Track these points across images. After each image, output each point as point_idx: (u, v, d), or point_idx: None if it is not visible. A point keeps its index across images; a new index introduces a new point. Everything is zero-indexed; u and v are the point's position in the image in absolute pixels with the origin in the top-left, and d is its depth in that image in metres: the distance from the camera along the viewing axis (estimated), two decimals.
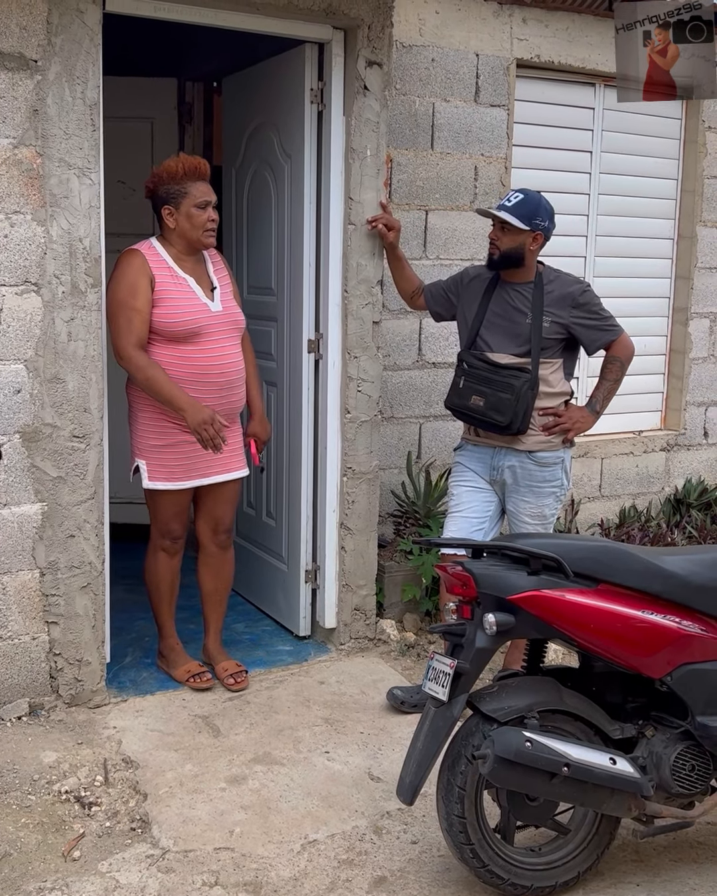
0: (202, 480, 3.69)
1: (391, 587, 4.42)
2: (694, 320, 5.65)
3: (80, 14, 3.26)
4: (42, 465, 3.41)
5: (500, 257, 3.57)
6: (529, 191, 3.58)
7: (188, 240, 3.57)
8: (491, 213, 3.55)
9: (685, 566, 2.69)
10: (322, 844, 2.90)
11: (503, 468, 3.65)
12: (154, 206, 3.61)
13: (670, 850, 2.95)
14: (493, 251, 3.59)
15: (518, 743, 2.46)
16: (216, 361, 3.58)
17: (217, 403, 3.61)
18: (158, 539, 3.79)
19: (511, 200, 3.53)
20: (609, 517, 5.44)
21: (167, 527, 3.75)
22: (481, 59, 4.75)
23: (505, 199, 3.56)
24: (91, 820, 2.96)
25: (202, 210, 3.54)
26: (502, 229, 3.54)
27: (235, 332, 3.68)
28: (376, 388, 4.12)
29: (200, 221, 3.55)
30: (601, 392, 3.70)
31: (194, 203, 3.53)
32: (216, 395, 3.60)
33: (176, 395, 3.48)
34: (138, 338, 3.48)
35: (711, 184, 5.52)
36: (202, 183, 3.57)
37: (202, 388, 3.56)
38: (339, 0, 3.72)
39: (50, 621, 3.50)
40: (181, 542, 3.82)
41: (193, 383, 3.55)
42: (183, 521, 3.78)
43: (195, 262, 3.64)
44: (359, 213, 3.94)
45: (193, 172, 3.54)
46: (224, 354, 3.61)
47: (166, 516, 3.73)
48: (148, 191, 3.59)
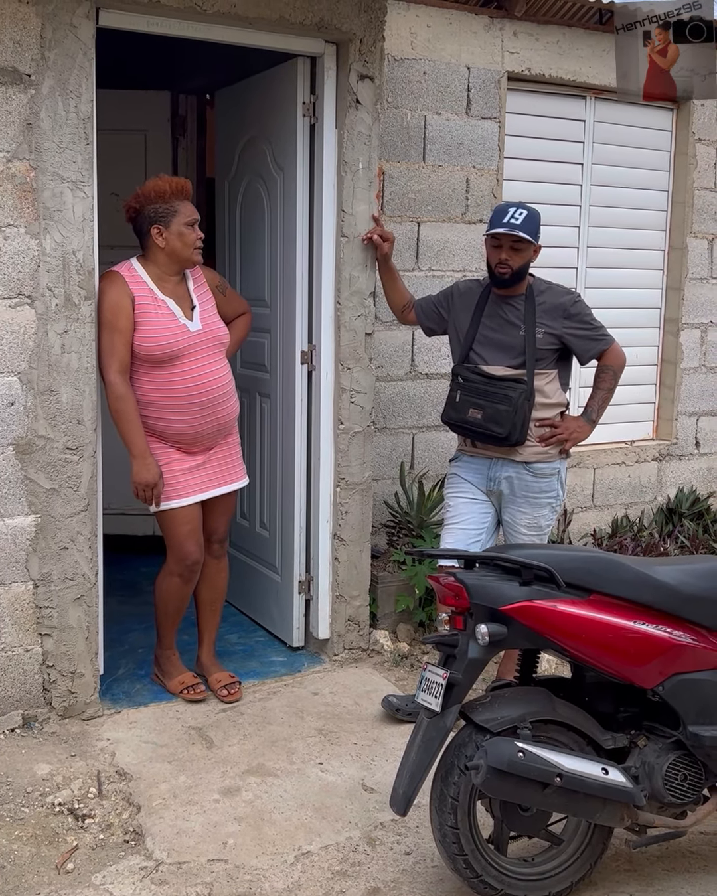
0: (203, 495, 3.70)
1: (385, 598, 4.43)
2: (685, 331, 5.68)
3: (73, 29, 3.29)
4: (35, 478, 3.42)
5: (512, 276, 3.55)
6: (524, 204, 3.58)
7: (178, 258, 3.59)
8: (517, 234, 3.46)
9: (675, 576, 2.70)
10: (316, 856, 2.90)
11: (500, 479, 3.67)
12: (138, 227, 3.60)
13: (663, 859, 2.96)
14: (505, 272, 3.53)
15: (511, 753, 2.46)
16: (197, 382, 3.59)
17: (203, 423, 3.63)
18: (174, 564, 3.74)
19: (518, 218, 3.48)
20: (602, 527, 5.46)
21: (183, 549, 3.69)
22: (473, 72, 4.79)
23: (511, 217, 3.48)
24: (84, 832, 2.96)
25: (191, 228, 3.56)
26: (513, 249, 3.51)
27: (217, 349, 3.68)
28: (368, 399, 4.14)
29: (191, 240, 3.57)
30: (595, 401, 3.72)
31: (184, 221, 3.55)
32: (200, 416, 3.62)
33: (135, 440, 3.54)
34: (120, 362, 3.50)
35: (701, 195, 5.56)
36: (188, 202, 3.60)
37: (185, 410, 3.59)
38: (331, 14, 3.75)
39: (43, 633, 3.50)
40: (197, 569, 3.77)
41: (175, 406, 3.58)
42: (198, 543, 3.73)
43: (176, 283, 3.64)
44: (351, 225, 3.96)
45: (180, 192, 3.56)
46: (205, 374, 3.61)
47: (180, 537, 3.69)
48: (132, 210, 3.58)
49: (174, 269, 3.61)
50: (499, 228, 3.49)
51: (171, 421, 3.60)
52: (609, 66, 5.06)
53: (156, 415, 3.60)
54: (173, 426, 3.61)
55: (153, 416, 3.60)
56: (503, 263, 3.53)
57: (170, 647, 3.91)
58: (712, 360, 5.82)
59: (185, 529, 3.69)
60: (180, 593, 3.79)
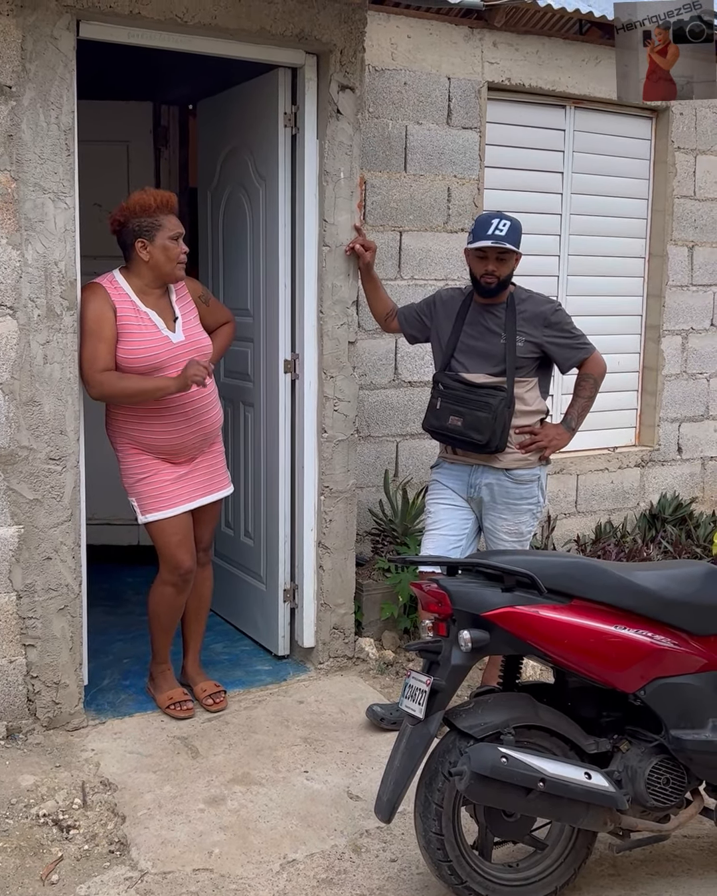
0: (191, 504, 3.70)
1: (369, 605, 4.43)
2: (666, 338, 5.72)
3: (54, 41, 3.30)
4: (18, 488, 3.41)
5: (497, 286, 3.59)
6: (505, 214, 3.60)
7: (161, 272, 3.58)
8: (504, 246, 3.50)
9: (657, 581, 2.72)
10: (301, 864, 2.90)
11: (481, 486, 3.69)
12: (122, 240, 3.60)
13: (646, 863, 2.97)
14: (491, 282, 3.56)
15: (494, 759, 2.47)
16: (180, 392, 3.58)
17: (187, 432, 3.64)
18: (166, 574, 3.72)
19: (502, 229, 3.51)
20: (586, 533, 5.48)
21: (175, 559, 3.68)
22: (453, 82, 4.82)
23: (495, 229, 3.51)
24: (69, 843, 2.95)
25: (175, 243, 3.56)
26: (499, 260, 3.54)
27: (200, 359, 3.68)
28: (352, 408, 4.15)
29: (175, 254, 3.57)
30: (575, 409, 3.75)
31: (169, 235, 3.55)
32: (185, 426, 3.63)
33: (158, 384, 3.51)
34: (104, 365, 3.50)
35: (681, 203, 5.61)
36: (173, 216, 3.59)
37: (169, 421, 3.59)
38: (311, 26, 3.77)
39: (27, 644, 3.50)
40: (190, 579, 3.76)
41: (160, 418, 3.58)
42: (190, 551, 3.72)
43: (159, 296, 3.64)
44: (333, 234, 3.98)
45: (165, 205, 3.56)
46: None
47: (171, 546, 3.68)
48: (117, 223, 3.58)
49: (157, 282, 3.62)
50: (486, 241, 3.52)
51: (155, 432, 3.61)
52: (589, 76, 5.13)
53: (140, 426, 3.60)
54: (158, 437, 3.62)
55: (138, 428, 3.60)
56: (489, 274, 3.56)
57: (164, 662, 3.88)
58: (693, 366, 5.86)
59: (176, 539, 3.68)
60: (175, 603, 3.78)
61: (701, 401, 5.93)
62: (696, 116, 5.57)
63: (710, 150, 5.67)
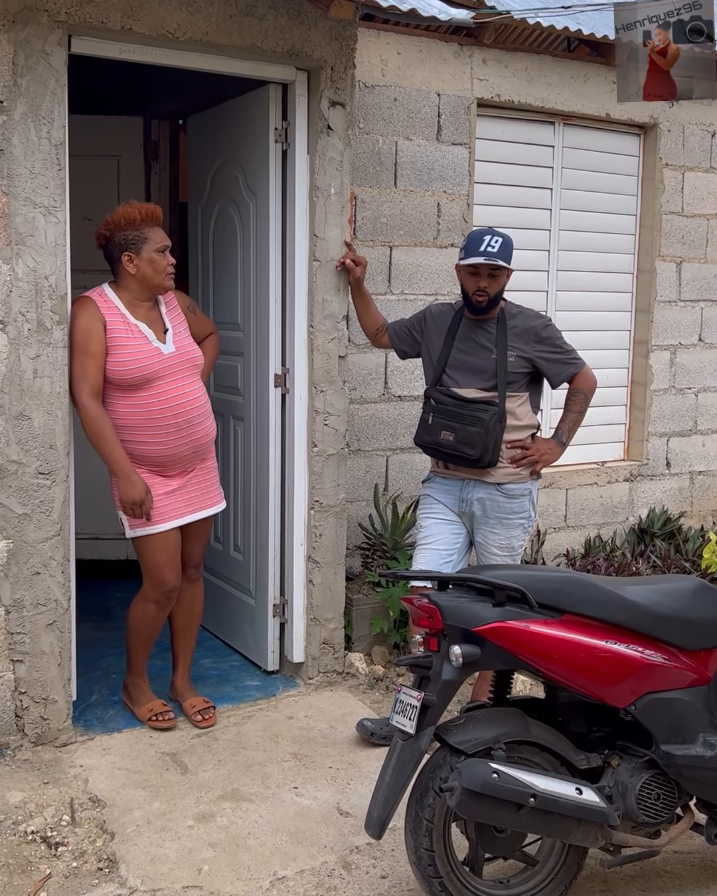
0: (180, 520, 3.69)
1: (359, 620, 4.42)
2: (655, 353, 5.74)
3: (45, 56, 3.31)
4: (7, 503, 3.40)
5: (488, 303, 3.61)
6: (496, 230, 3.62)
7: (149, 285, 3.59)
8: (496, 263, 3.52)
9: (647, 596, 2.72)
10: (291, 881, 2.88)
11: (472, 500, 3.69)
12: (109, 254, 3.60)
13: (637, 879, 2.96)
14: (482, 299, 3.58)
15: (485, 775, 2.46)
16: (173, 403, 3.59)
17: (179, 444, 3.63)
18: (150, 591, 3.71)
19: (494, 246, 3.53)
20: (575, 547, 5.49)
21: (160, 576, 3.67)
22: (443, 98, 4.85)
23: (487, 246, 3.53)
24: (58, 860, 2.93)
25: (162, 255, 3.57)
26: (491, 276, 3.56)
27: (191, 370, 3.68)
28: (342, 422, 4.15)
29: (162, 266, 3.57)
30: (566, 424, 3.76)
31: (155, 248, 3.55)
32: (177, 437, 3.62)
33: (117, 460, 3.52)
34: (93, 386, 3.49)
35: (669, 219, 5.65)
36: (159, 228, 3.60)
37: (161, 432, 3.58)
38: (302, 42, 3.80)
39: (15, 659, 3.47)
40: (174, 596, 3.75)
41: (152, 429, 3.57)
42: (176, 569, 3.71)
43: (149, 308, 3.65)
44: (324, 249, 3.99)
45: (150, 218, 3.56)
46: (181, 395, 3.61)
47: (157, 564, 3.67)
48: (102, 238, 3.59)
49: (146, 294, 3.62)
50: (478, 258, 3.53)
51: (147, 444, 3.60)
52: (577, 93, 5.17)
53: (132, 438, 3.59)
54: (150, 449, 3.61)
55: (129, 440, 3.59)
56: (481, 291, 3.58)
57: (140, 675, 3.87)
58: (681, 381, 5.88)
59: (163, 556, 3.67)
60: (155, 620, 3.77)
61: (690, 415, 5.95)
62: (684, 133, 5.61)
63: (698, 166, 5.71)
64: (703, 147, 5.72)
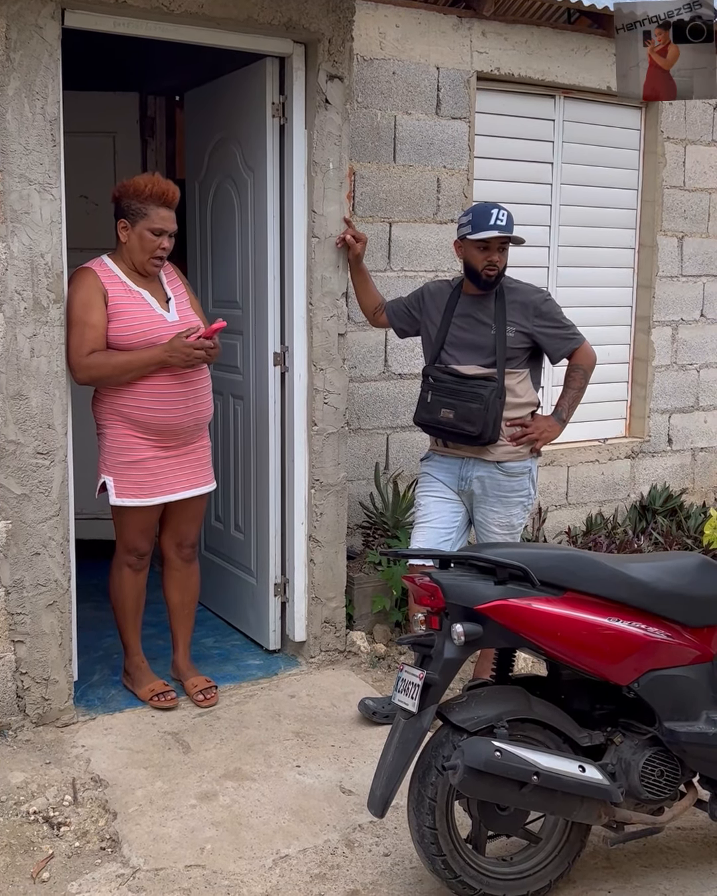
0: (170, 497, 3.67)
1: (361, 599, 4.42)
2: (656, 328, 5.71)
3: (38, 30, 3.26)
4: (6, 483, 3.38)
5: (497, 276, 3.59)
6: (500, 205, 3.58)
7: (132, 258, 3.57)
8: (512, 236, 3.52)
9: (649, 573, 2.71)
10: (294, 859, 2.89)
11: (472, 479, 3.67)
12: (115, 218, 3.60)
13: (640, 856, 2.97)
14: (493, 272, 3.56)
15: (488, 753, 2.46)
16: (180, 371, 3.55)
17: (184, 414, 3.60)
18: (123, 555, 3.75)
19: (503, 219, 3.51)
20: (576, 525, 5.48)
21: (133, 543, 3.71)
22: (442, 72, 4.79)
23: (496, 220, 3.50)
24: (60, 840, 2.93)
25: (156, 237, 3.53)
26: (500, 250, 3.55)
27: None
28: (342, 400, 4.13)
29: (150, 247, 3.53)
30: (566, 401, 3.73)
31: (150, 227, 3.51)
32: (182, 406, 3.59)
33: (141, 356, 3.47)
34: (91, 348, 3.46)
35: (670, 193, 5.59)
36: (166, 209, 3.54)
37: (167, 400, 3.55)
38: (299, 15, 3.74)
39: (16, 640, 3.47)
40: (147, 559, 3.79)
41: (158, 396, 3.54)
42: (150, 538, 3.76)
43: (149, 279, 3.62)
44: (322, 225, 3.95)
45: (159, 196, 3.52)
46: None
47: (133, 533, 3.70)
48: (113, 199, 3.59)
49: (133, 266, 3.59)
50: (492, 231, 3.50)
51: (152, 410, 3.55)
52: (578, 66, 5.11)
53: (139, 404, 3.54)
54: (156, 416, 3.56)
55: (135, 405, 3.54)
56: (492, 265, 3.55)
57: (137, 654, 3.87)
58: (683, 357, 5.85)
59: (142, 526, 3.70)
60: (134, 584, 3.78)
61: (691, 392, 5.92)
62: (685, 106, 5.55)
63: (699, 140, 5.65)
64: (705, 120, 5.66)
